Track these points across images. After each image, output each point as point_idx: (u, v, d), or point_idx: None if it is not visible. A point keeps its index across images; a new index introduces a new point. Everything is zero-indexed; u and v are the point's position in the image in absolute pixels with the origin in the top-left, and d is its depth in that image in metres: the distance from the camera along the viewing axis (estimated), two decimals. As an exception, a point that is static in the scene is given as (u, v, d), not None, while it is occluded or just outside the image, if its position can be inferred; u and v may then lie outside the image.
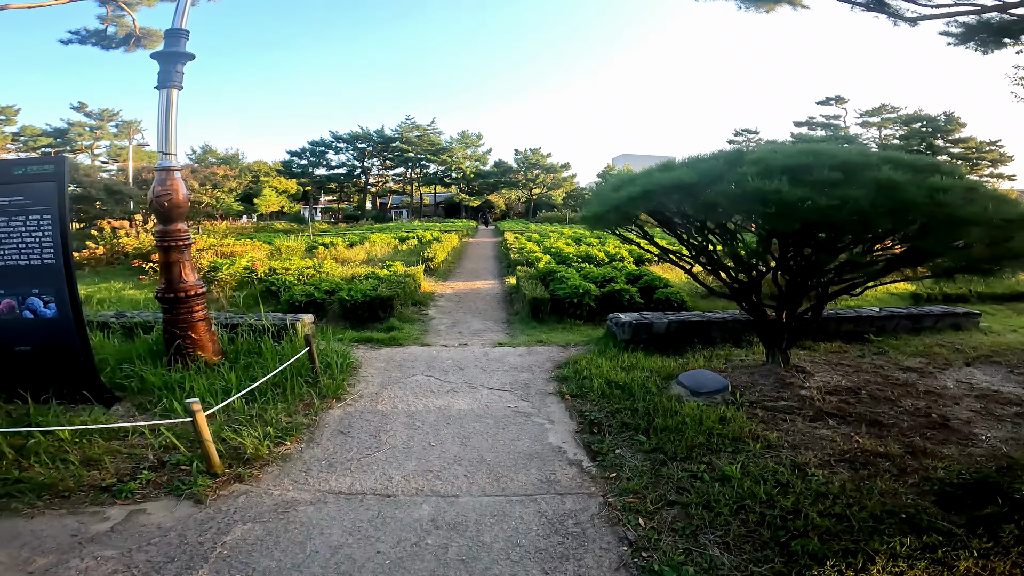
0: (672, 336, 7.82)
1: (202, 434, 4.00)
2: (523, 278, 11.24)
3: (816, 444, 4.32)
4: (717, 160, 4.58)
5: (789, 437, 4.46)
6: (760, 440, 4.37)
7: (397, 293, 9.99)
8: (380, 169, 67.10)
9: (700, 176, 4.25)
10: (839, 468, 3.93)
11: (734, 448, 4.26)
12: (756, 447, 4.23)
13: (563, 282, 10.35)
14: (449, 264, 17.03)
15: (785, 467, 3.88)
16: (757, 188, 3.55)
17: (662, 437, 4.50)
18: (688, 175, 4.28)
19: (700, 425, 4.66)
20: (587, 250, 16.06)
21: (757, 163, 3.93)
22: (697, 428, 4.59)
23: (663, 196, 4.62)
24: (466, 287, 13.44)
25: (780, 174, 3.69)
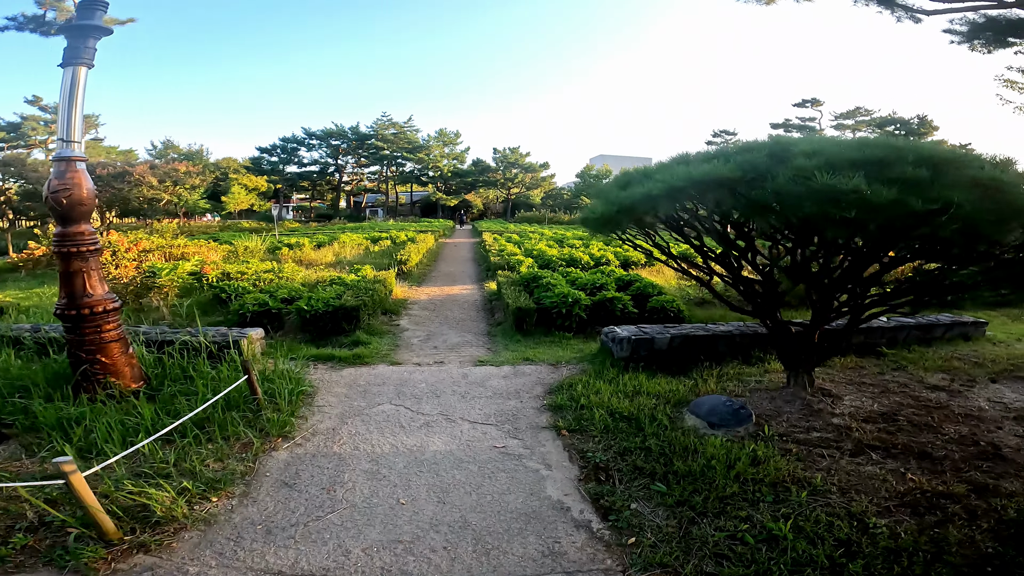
0: (675, 353, 6.97)
1: (83, 498, 3.00)
2: (504, 284, 10.28)
3: (867, 486, 3.72)
4: (753, 152, 3.71)
5: (834, 478, 3.82)
6: (803, 484, 3.71)
7: (364, 302, 8.92)
8: (355, 167, 65.48)
9: (743, 170, 3.37)
10: (901, 515, 3.37)
11: (775, 496, 3.58)
12: (801, 495, 3.54)
13: (549, 289, 9.42)
14: (424, 267, 15.96)
15: (841, 519, 3.27)
16: (829, 187, 2.70)
17: (686, 486, 3.75)
18: (728, 169, 3.40)
19: (730, 469, 3.90)
20: (571, 253, 15.18)
21: (813, 155, 3.09)
22: (727, 473, 3.85)
23: (693, 194, 3.73)
24: (442, 293, 12.41)
25: (850, 170, 2.85)
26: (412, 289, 12.67)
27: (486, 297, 11.83)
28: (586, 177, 61.27)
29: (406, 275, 13.82)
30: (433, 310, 10.71)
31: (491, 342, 8.38)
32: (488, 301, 11.45)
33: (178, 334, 6.54)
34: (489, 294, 11.95)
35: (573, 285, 10.20)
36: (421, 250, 17.33)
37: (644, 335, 6.94)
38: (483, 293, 12.35)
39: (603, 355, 7.06)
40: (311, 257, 15.28)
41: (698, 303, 11.21)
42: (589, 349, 7.69)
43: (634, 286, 10.36)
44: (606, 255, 15.02)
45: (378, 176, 64.85)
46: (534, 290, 9.88)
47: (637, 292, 10.01)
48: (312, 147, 62.27)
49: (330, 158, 62.85)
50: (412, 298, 11.78)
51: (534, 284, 10.11)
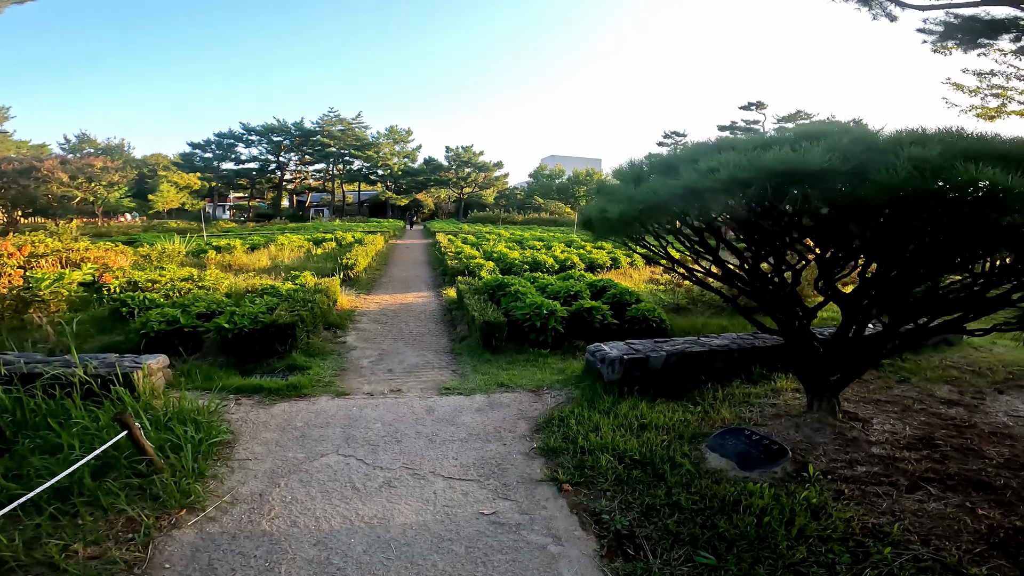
0: (672, 373, 6.05)
1: None
2: (467, 292, 9.11)
3: (945, 529, 3.22)
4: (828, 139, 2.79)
5: (906, 522, 3.27)
6: (878, 536, 3.11)
7: (302, 316, 7.53)
8: (298, 164, 62.31)
9: (843, 160, 2.44)
10: (996, 559, 2.91)
11: (852, 556, 2.93)
12: (884, 551, 2.93)
13: (519, 299, 8.34)
14: (374, 272, 14.51)
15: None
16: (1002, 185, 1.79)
17: (741, 554, 2.95)
18: (828, 160, 2.44)
19: (789, 526, 3.14)
20: (533, 255, 14.17)
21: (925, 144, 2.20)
22: (787, 532, 3.10)
23: (762, 187, 2.75)
24: (395, 301, 11.08)
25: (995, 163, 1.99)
26: (360, 298, 11.26)
27: (444, 306, 10.61)
28: (539, 176, 60.75)
29: (353, 281, 12.37)
30: (385, 323, 9.39)
31: (456, 362, 7.21)
32: (447, 311, 10.24)
33: (51, 364, 5.00)
34: (448, 302, 10.73)
35: (543, 293, 9.17)
36: (370, 253, 15.84)
37: (637, 354, 5.97)
38: (441, 301, 11.11)
39: (590, 378, 6.05)
40: (242, 262, 13.50)
41: (673, 309, 10.44)
42: (571, 369, 6.67)
43: (608, 293, 9.44)
44: (571, 258, 14.11)
45: (323, 174, 61.92)
46: (501, 299, 8.77)
47: (613, 300, 9.09)
48: (251, 143, 58.73)
49: (271, 155, 59.46)
50: (361, 308, 10.40)
51: (500, 292, 9.00)
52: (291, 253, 15.36)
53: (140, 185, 52.75)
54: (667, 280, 11.57)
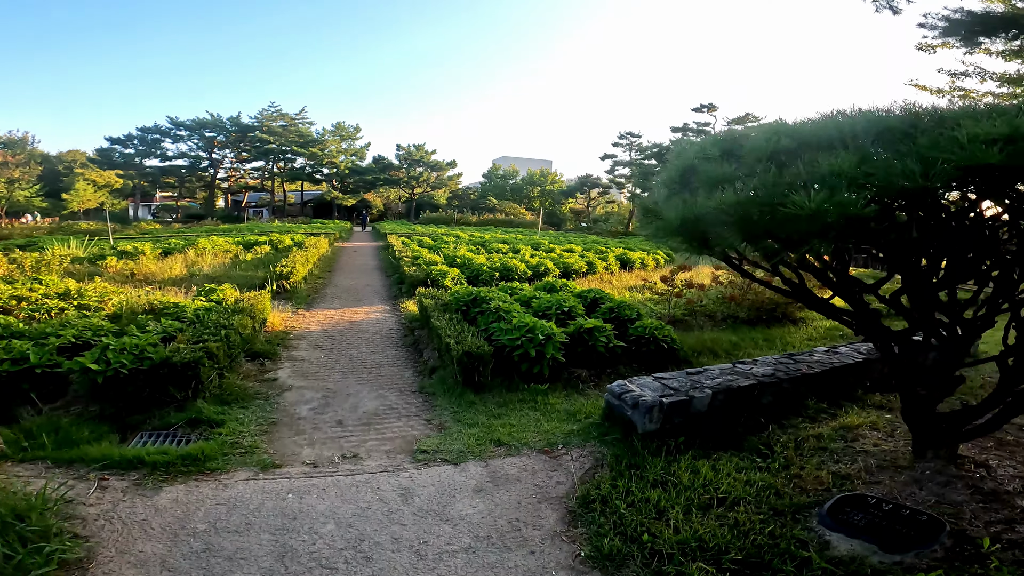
0: (718, 414, 4.58)
1: None
2: (434, 310, 7.30)
3: None
4: None
5: None
6: None
7: (211, 350, 5.53)
8: (234, 162, 57.92)
9: None
10: None
11: None
12: None
13: (500, 318, 6.64)
14: (316, 281, 12.36)
15: None
16: None
17: None
18: None
19: None
20: (502, 261, 12.47)
21: None
22: None
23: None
24: (342, 319, 9.09)
25: None
26: (299, 315, 9.20)
27: (404, 324, 8.73)
28: (493, 177, 59.16)
29: (290, 294, 10.26)
30: (330, 348, 7.44)
31: (429, 407, 5.42)
32: (408, 330, 8.37)
33: None
34: (409, 318, 8.86)
35: (527, 308, 7.49)
36: (312, 258, 13.66)
37: (676, 395, 4.46)
38: (399, 317, 9.22)
39: (616, 428, 4.49)
40: (149, 270, 11.04)
41: (670, 322, 9.02)
42: (583, 412, 5.06)
43: (603, 307, 7.89)
44: (543, 263, 12.52)
45: (262, 173, 57.82)
46: (477, 318, 7.02)
47: (611, 316, 7.55)
48: (180, 138, 53.97)
49: (202, 151, 54.88)
50: (299, 329, 8.37)
51: (476, 310, 7.24)
52: (214, 259, 12.92)
53: (55, 183, 47.35)
54: (663, 289, 10.17)
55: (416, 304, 9.39)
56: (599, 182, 53.86)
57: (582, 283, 12.73)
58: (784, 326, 9.94)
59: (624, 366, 6.76)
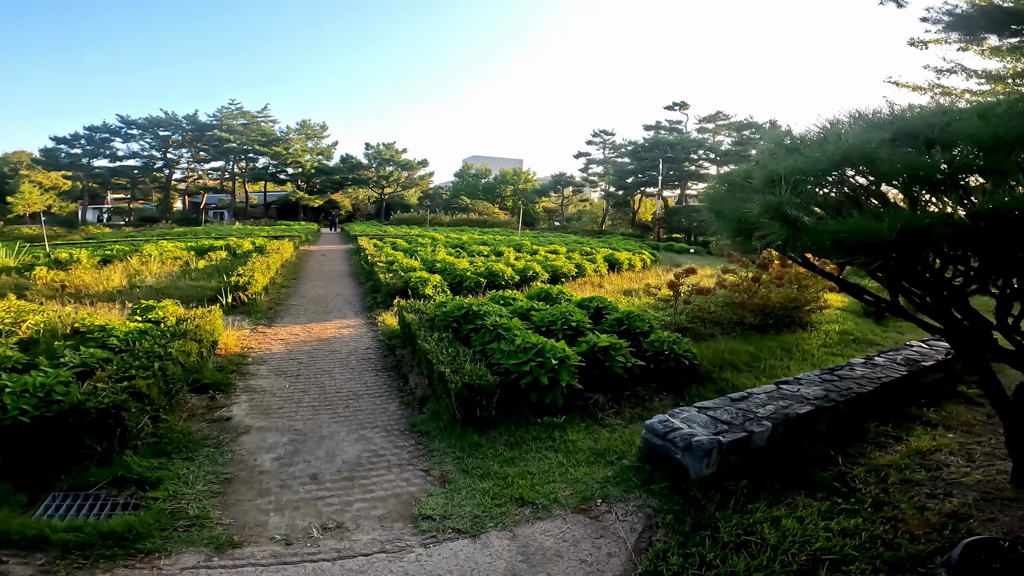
0: (776, 448, 3.72)
1: None
2: (419, 327, 6.24)
3: None
4: None
5: None
6: None
7: (140, 391, 4.38)
8: (191, 162, 55.09)
9: None
10: None
11: None
12: None
13: (500, 335, 5.64)
14: (279, 291, 11.08)
15: None
16: None
17: None
18: None
19: None
20: (487, 265, 11.45)
21: None
22: None
23: None
24: (310, 336, 7.91)
25: None
26: (258, 333, 7.98)
27: (383, 341, 7.63)
28: (465, 176, 57.99)
29: (248, 307, 9.00)
30: (297, 375, 6.30)
31: (423, 450, 4.40)
32: (388, 348, 7.28)
33: None
34: (387, 334, 7.76)
35: (527, 322, 6.51)
36: (274, 264, 12.34)
37: (734, 432, 3.67)
38: (376, 333, 8.09)
39: (661, 473, 3.68)
40: (83, 282, 9.55)
41: (676, 330, 8.18)
42: (612, 450, 4.20)
43: (608, 318, 6.99)
44: (531, 267, 11.56)
45: (222, 173, 55.17)
46: (470, 336, 5.99)
47: (621, 328, 6.65)
48: (131, 138, 50.92)
49: (156, 151, 51.96)
50: (258, 350, 7.18)
51: (468, 327, 6.19)
52: (161, 268, 11.44)
53: (1, 185, 44.12)
54: (666, 295, 9.34)
55: (396, 318, 8.30)
56: (573, 180, 53.33)
57: (572, 287, 11.84)
58: (794, 331, 9.25)
59: (642, 387, 5.88)
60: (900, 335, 10.31)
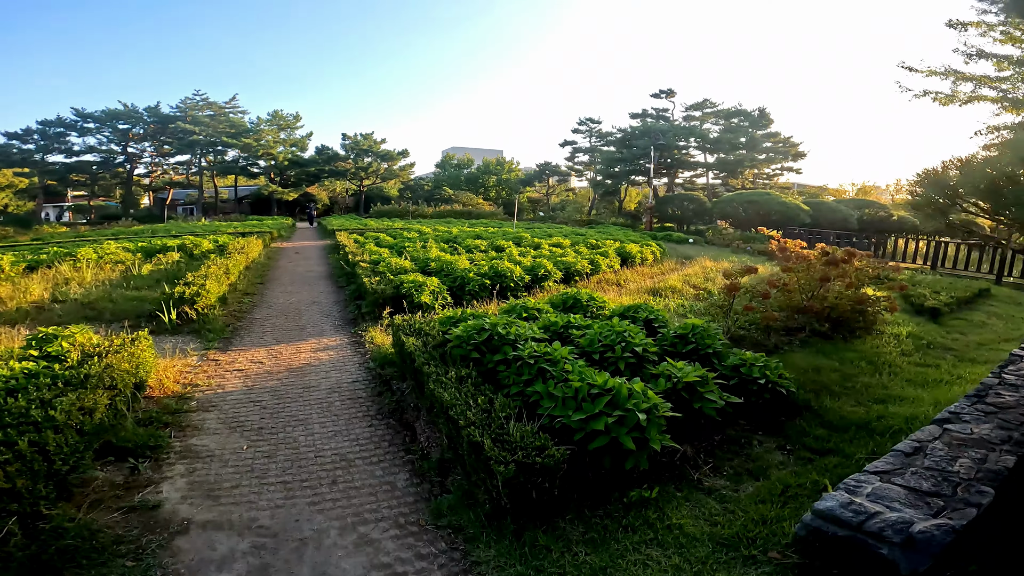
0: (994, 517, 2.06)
1: None
2: (423, 357, 4.54)
3: None
4: None
5: None
6: None
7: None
8: (155, 156, 52.00)
9: None
10: None
11: None
12: None
13: (544, 371, 3.98)
14: (241, 300, 9.19)
15: None
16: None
17: None
18: None
19: None
20: (490, 263, 9.73)
21: None
22: None
23: None
24: (277, 365, 6.14)
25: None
26: (208, 362, 6.18)
27: (373, 370, 5.89)
28: (447, 166, 55.96)
29: (198, 325, 7.16)
30: (258, 429, 4.56)
31: (460, 564, 2.76)
32: (382, 381, 5.55)
33: None
34: (379, 358, 6.03)
35: (569, 344, 4.86)
36: (236, 268, 10.44)
37: (954, 510, 2.03)
38: (363, 358, 6.34)
39: (837, 568, 1.91)
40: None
41: (728, 338, 6.63)
42: (741, 535, 2.83)
43: (667, 333, 5.42)
44: (542, 264, 9.89)
45: (188, 167, 52.18)
46: (498, 370, 4.31)
47: (684, 346, 5.09)
48: (88, 132, 47.70)
49: (116, 145, 48.77)
50: (207, 388, 5.41)
51: (495, 357, 4.47)
52: (98, 274, 9.43)
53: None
54: (720, 299, 7.77)
55: (387, 334, 6.59)
56: (558, 170, 51.73)
57: (588, 286, 10.25)
58: (861, 337, 7.80)
59: (732, 427, 4.32)
60: (963, 335, 9.01)
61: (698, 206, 35.37)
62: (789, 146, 48.30)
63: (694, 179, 51.32)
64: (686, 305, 8.71)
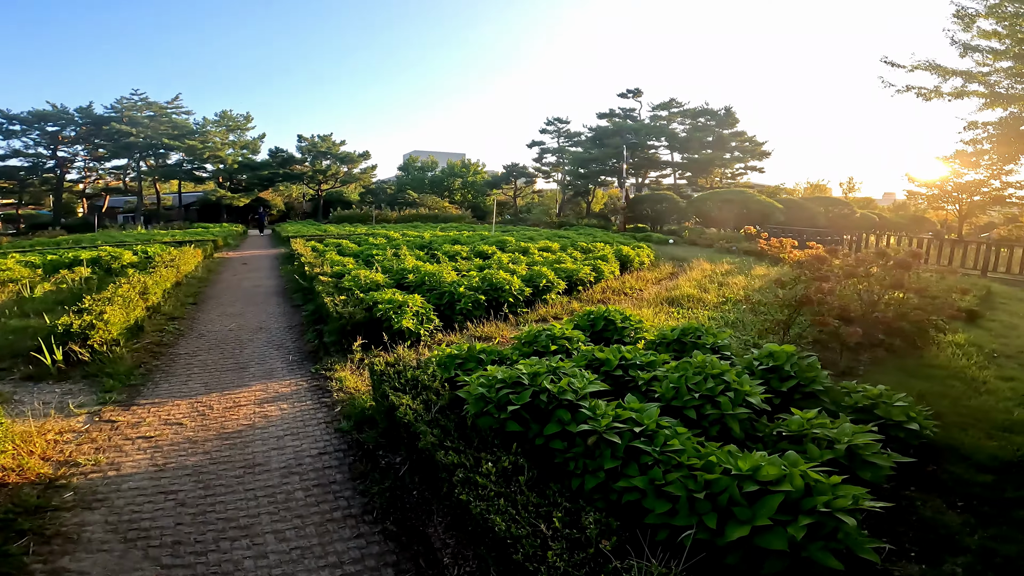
0: None
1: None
2: (432, 434, 2.88)
3: None
4: None
5: None
6: None
7: None
8: (89, 160, 47.86)
9: None
10: None
11: None
12: None
13: (639, 453, 2.40)
14: (163, 328, 7.14)
15: None
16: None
17: None
18: None
19: None
20: (488, 276, 8.03)
21: None
22: None
23: None
24: (204, 428, 4.32)
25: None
26: (100, 424, 4.31)
27: (348, 433, 4.16)
28: (411, 169, 53.88)
29: (97, 366, 5.24)
30: (171, 540, 2.79)
31: None
32: (366, 455, 3.84)
33: None
34: (355, 414, 4.31)
35: (625, 388, 3.31)
36: (160, 285, 8.37)
37: None
38: (330, 411, 4.60)
39: None
40: None
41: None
42: None
43: (740, 365, 3.93)
44: (542, 273, 8.32)
45: (125, 171, 48.20)
46: (551, 445, 2.72)
47: (777, 382, 3.63)
48: (12, 134, 43.34)
49: (45, 148, 44.57)
50: (92, 472, 3.58)
51: (547, 430, 2.84)
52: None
53: None
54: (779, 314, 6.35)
55: (363, 377, 4.89)
56: (525, 171, 50.49)
57: (592, 296, 8.76)
58: (923, 351, 6.61)
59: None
60: (1007, 339, 8.03)
61: (671, 206, 34.65)
62: (754, 145, 48.52)
63: (660, 179, 50.94)
64: (717, 318, 7.33)
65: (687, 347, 4.60)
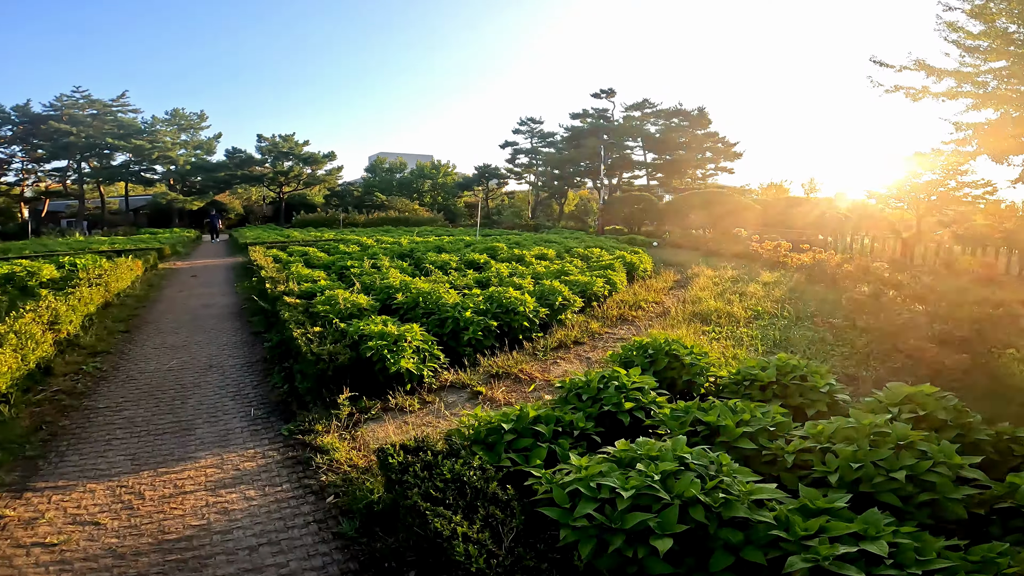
0: None
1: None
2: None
3: None
4: None
5: None
6: None
7: None
8: (26, 161, 44.14)
9: None
10: None
11: None
12: None
13: None
14: (77, 367, 5.57)
15: None
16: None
17: None
18: None
19: None
20: (498, 295, 6.72)
21: None
22: None
23: None
24: (130, 527, 2.94)
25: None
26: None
27: (350, 538, 2.86)
28: (378, 171, 51.90)
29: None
30: None
31: None
32: (376, 569, 2.55)
33: None
34: (358, 510, 3.01)
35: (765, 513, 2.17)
36: (79, 310, 6.68)
37: None
38: (319, 509, 3.25)
39: None
40: None
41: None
42: None
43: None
44: (556, 290, 7.11)
45: (64, 173, 44.59)
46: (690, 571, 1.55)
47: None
48: (-58, 134, 39.53)
49: (-25, 149, 40.82)
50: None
51: None
52: None
53: None
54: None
55: (356, 443, 3.58)
56: (497, 172, 49.34)
57: (606, 313, 7.63)
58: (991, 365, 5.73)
59: None
60: None
61: (648, 207, 34.07)
62: (726, 146, 48.69)
63: (632, 180, 50.58)
64: (759, 336, 6.27)
65: (790, 391, 3.49)
